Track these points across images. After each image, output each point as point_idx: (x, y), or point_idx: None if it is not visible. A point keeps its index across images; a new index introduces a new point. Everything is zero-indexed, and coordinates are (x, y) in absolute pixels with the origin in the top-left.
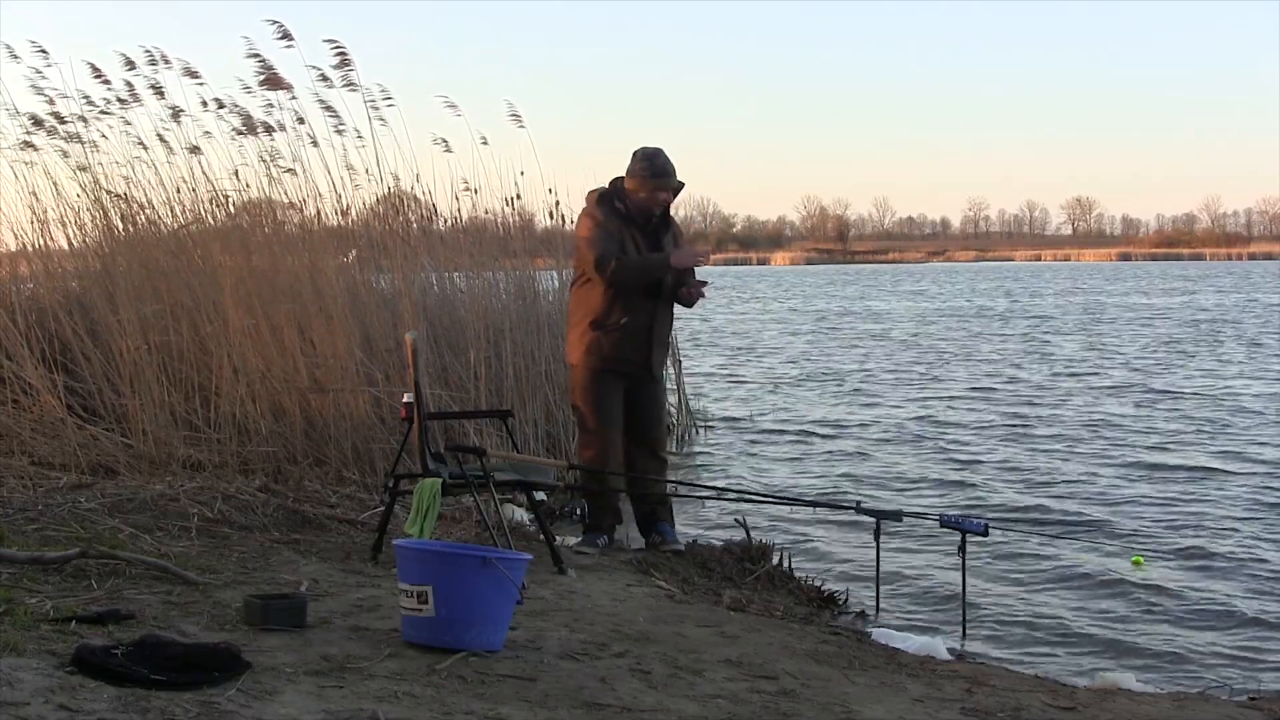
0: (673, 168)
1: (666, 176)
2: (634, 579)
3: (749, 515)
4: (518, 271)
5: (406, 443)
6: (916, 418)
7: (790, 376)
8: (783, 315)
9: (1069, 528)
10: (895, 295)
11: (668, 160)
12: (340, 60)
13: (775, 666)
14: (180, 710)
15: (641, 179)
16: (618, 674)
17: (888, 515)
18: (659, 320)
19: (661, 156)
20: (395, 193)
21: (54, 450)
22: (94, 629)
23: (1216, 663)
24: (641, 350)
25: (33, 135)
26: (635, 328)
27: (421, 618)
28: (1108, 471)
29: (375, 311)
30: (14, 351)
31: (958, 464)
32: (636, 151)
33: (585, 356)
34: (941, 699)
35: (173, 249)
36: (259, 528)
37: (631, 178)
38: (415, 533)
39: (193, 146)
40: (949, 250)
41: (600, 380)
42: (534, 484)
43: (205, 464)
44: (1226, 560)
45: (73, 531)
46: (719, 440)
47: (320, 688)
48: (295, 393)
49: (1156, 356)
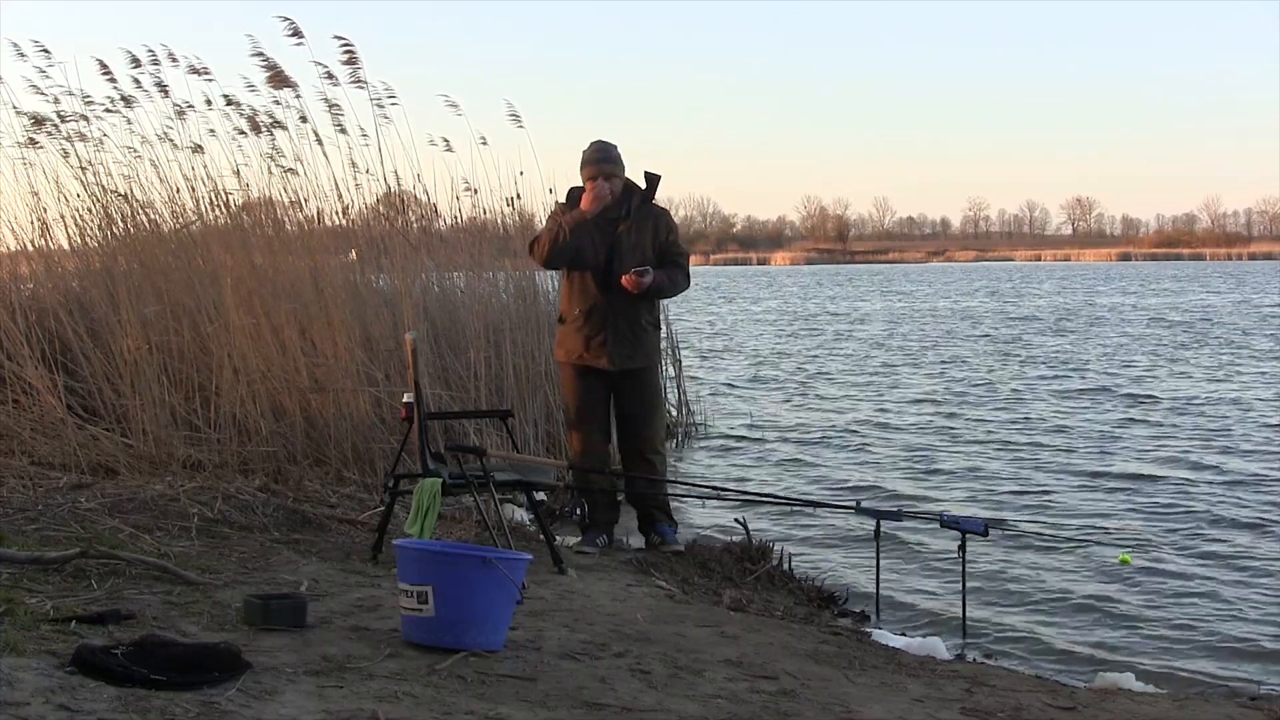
0: (606, 154)
1: (594, 164)
2: (634, 579)
3: (749, 515)
4: (518, 271)
5: (406, 443)
6: (861, 420)
7: (742, 378)
8: (757, 316)
9: (1069, 528)
10: (882, 295)
11: (601, 146)
12: (349, 58)
13: (775, 666)
14: (180, 710)
15: (581, 168)
16: (618, 674)
17: (888, 515)
18: (615, 311)
19: (594, 145)
20: (396, 192)
21: (54, 450)
22: (94, 629)
23: (1216, 663)
24: (603, 343)
25: (34, 134)
26: (591, 319)
27: (421, 618)
28: (1102, 473)
29: (375, 311)
30: (14, 351)
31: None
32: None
33: (557, 350)
34: (941, 699)
35: (173, 248)
36: (259, 528)
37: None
38: (415, 533)
39: (195, 145)
40: (949, 250)
41: (577, 376)
42: (534, 484)
43: (205, 464)
44: (1227, 560)
45: (73, 531)
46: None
47: (320, 688)
48: (295, 393)
49: (1125, 358)
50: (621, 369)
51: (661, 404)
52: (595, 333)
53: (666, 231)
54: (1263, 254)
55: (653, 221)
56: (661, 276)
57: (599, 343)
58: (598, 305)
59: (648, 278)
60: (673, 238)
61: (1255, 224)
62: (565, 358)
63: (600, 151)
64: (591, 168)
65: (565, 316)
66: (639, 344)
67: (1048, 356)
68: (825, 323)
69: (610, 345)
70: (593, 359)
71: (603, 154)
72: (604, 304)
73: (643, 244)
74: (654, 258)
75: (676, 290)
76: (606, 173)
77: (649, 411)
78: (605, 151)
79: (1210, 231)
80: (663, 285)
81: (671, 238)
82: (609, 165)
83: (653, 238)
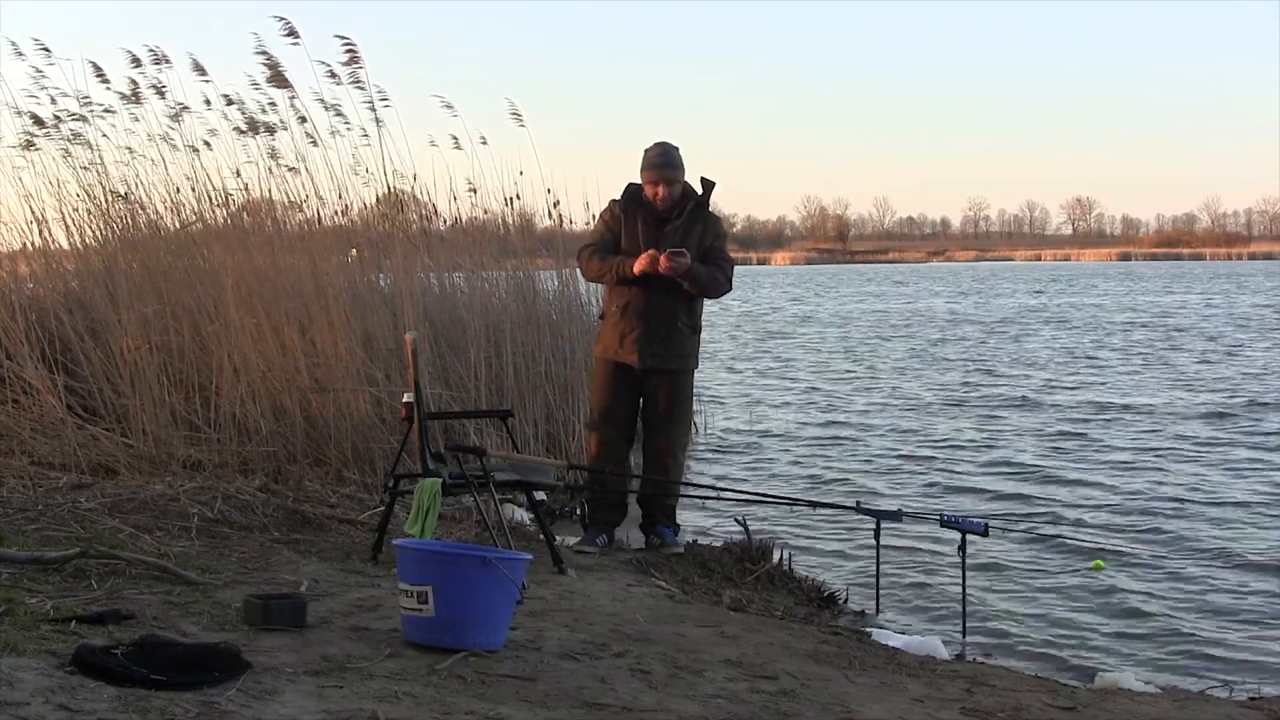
0: (670, 159)
1: (658, 169)
2: (634, 579)
3: (748, 515)
4: (518, 271)
5: (406, 443)
6: (861, 418)
7: (742, 377)
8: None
9: (1069, 528)
10: (857, 297)
11: (668, 153)
12: (350, 57)
13: (775, 666)
14: (180, 710)
15: (641, 171)
16: (618, 674)
17: (888, 515)
18: (652, 308)
19: (659, 148)
20: (396, 192)
21: (54, 450)
22: (94, 629)
23: (1216, 663)
24: (635, 340)
25: (34, 134)
26: (629, 315)
27: (421, 618)
28: (1102, 473)
29: (375, 311)
30: (14, 351)
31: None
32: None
33: (595, 345)
34: (941, 699)
35: (174, 248)
36: (259, 528)
37: (640, 172)
38: (415, 533)
39: (195, 145)
40: (949, 250)
41: (606, 373)
42: (534, 484)
43: (205, 464)
44: (1227, 560)
45: (73, 531)
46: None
47: (320, 688)
48: (296, 392)
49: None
50: (650, 368)
51: (689, 411)
52: (629, 329)
53: (714, 237)
54: (1263, 254)
55: (701, 225)
56: (701, 269)
57: (631, 339)
58: (634, 301)
59: (685, 259)
60: (719, 244)
61: (1255, 224)
62: (601, 353)
63: (664, 156)
64: (654, 172)
65: (605, 312)
66: (672, 344)
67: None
68: (773, 324)
69: (641, 342)
70: (625, 355)
71: (666, 159)
72: (640, 301)
73: (688, 245)
74: (698, 259)
75: (718, 290)
76: (669, 179)
77: (674, 416)
78: (669, 156)
79: (1210, 231)
80: (700, 277)
81: (718, 244)
82: (671, 171)
83: (699, 240)
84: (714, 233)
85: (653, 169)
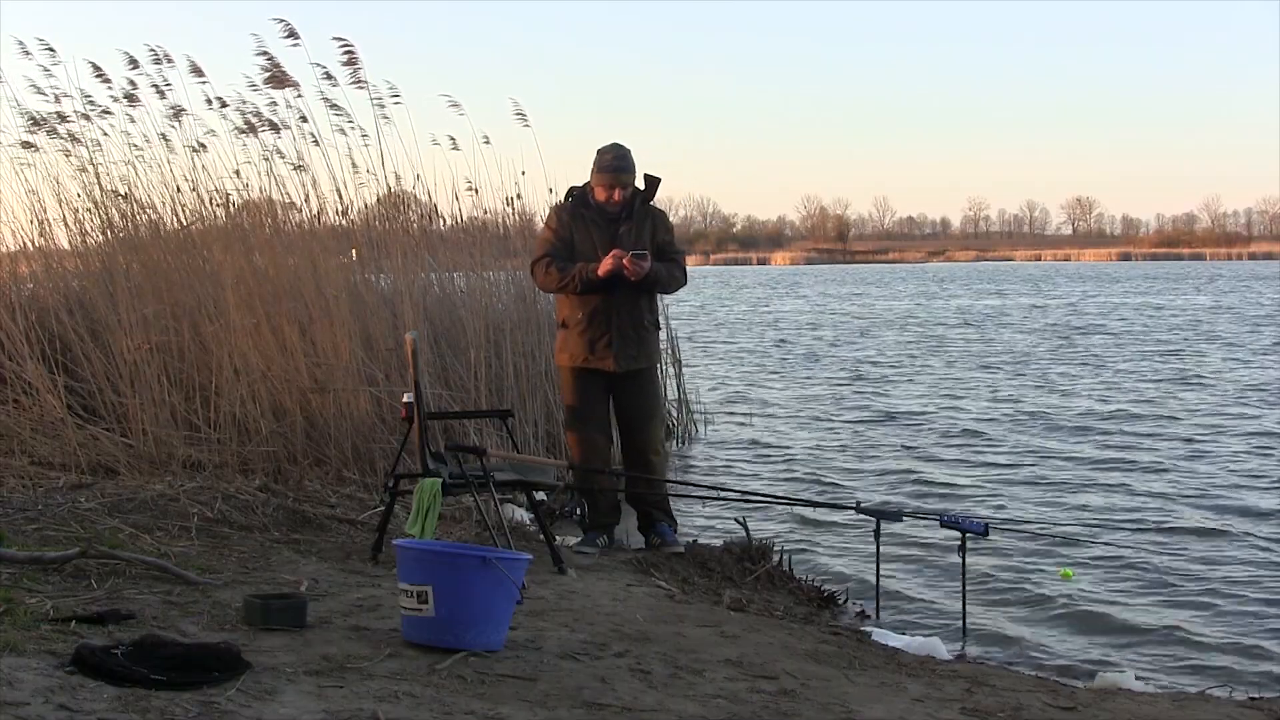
0: (626, 163)
1: (613, 172)
2: (634, 579)
3: (748, 515)
4: (518, 271)
5: (406, 443)
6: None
7: (742, 377)
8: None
9: (1069, 528)
10: (838, 298)
11: (621, 155)
12: (349, 58)
13: (775, 666)
14: (180, 710)
15: (593, 174)
16: (618, 674)
17: (888, 515)
18: (619, 311)
19: (613, 151)
20: (396, 192)
21: (54, 450)
22: (94, 629)
23: (1216, 663)
24: (608, 345)
25: (34, 134)
26: (595, 322)
27: (421, 617)
28: (1100, 471)
29: (375, 311)
30: (14, 351)
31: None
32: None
33: (559, 355)
34: (941, 699)
35: (174, 248)
36: (259, 528)
37: (591, 174)
38: (416, 533)
39: (196, 145)
40: (949, 250)
41: (576, 378)
42: (534, 484)
43: (205, 464)
44: (1227, 560)
45: (73, 531)
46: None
47: (320, 688)
48: (296, 392)
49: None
50: (625, 370)
51: (661, 404)
52: (599, 335)
53: (665, 232)
54: (1263, 254)
55: (651, 222)
56: (660, 268)
57: (604, 345)
58: (600, 308)
59: (646, 263)
60: (669, 238)
61: (1255, 224)
62: (568, 362)
63: (621, 160)
64: (610, 176)
65: (567, 321)
66: (643, 344)
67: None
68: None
69: (616, 347)
70: (598, 361)
71: (622, 162)
72: (607, 306)
73: (643, 243)
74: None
75: (674, 285)
76: (624, 182)
77: (650, 412)
78: (625, 160)
79: (1210, 231)
80: (660, 276)
81: (668, 238)
82: (628, 175)
83: (651, 237)
84: (664, 228)
85: (610, 172)
